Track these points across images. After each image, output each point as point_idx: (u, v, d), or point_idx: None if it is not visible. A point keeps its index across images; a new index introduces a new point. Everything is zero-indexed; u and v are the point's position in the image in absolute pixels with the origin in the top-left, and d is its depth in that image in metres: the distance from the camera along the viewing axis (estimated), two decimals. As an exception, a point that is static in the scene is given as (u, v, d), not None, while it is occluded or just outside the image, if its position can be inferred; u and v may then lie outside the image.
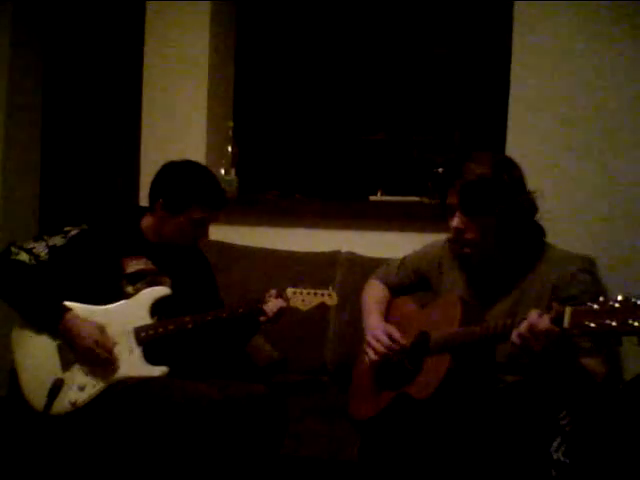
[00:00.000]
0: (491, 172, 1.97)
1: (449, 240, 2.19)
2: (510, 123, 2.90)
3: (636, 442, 1.95)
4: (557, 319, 1.68)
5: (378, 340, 2.17)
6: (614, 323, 1.56)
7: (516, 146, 2.85)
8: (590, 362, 1.88)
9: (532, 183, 2.06)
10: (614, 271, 2.56)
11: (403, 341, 2.15)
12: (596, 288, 1.99)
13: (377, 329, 2.21)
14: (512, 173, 2.01)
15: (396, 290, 2.38)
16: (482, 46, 3.27)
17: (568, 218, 2.71)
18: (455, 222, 2.03)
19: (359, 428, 2.24)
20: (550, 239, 2.11)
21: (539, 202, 2.03)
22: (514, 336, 1.77)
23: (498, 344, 1.95)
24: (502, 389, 2.00)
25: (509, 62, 2.90)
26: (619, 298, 1.57)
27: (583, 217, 2.76)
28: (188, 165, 2.45)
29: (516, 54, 2.88)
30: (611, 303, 1.57)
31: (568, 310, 1.64)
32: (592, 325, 1.59)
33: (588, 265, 2.04)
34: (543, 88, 2.84)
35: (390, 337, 2.16)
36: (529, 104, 2.86)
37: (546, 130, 2.83)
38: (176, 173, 2.41)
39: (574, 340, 1.77)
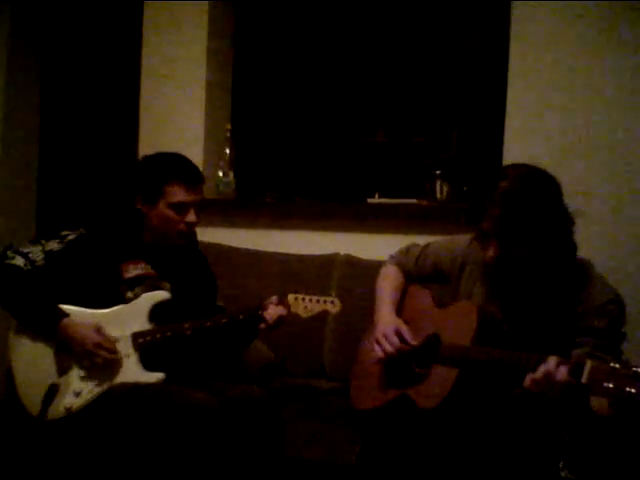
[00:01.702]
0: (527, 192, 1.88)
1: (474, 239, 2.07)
2: (508, 123, 2.88)
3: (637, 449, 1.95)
4: (575, 370, 1.65)
5: (388, 339, 2.12)
6: (633, 390, 1.54)
7: (514, 146, 2.83)
8: (598, 402, 1.79)
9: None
10: (615, 274, 2.53)
11: (413, 342, 2.10)
12: (622, 320, 1.93)
13: (388, 327, 2.14)
14: (546, 191, 1.94)
15: (412, 278, 2.32)
16: (480, 46, 3.27)
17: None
18: (491, 252, 1.92)
19: (358, 419, 2.21)
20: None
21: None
22: (528, 380, 1.74)
23: (512, 376, 1.84)
24: (506, 402, 1.95)
25: (507, 62, 2.88)
26: None
27: (583, 218, 2.74)
28: (154, 155, 2.42)
29: (513, 54, 2.87)
30: (634, 369, 1.55)
31: (588, 365, 1.62)
32: (610, 386, 1.57)
33: (618, 295, 1.95)
34: (541, 88, 2.82)
35: (400, 337, 2.11)
36: (527, 104, 2.84)
37: (545, 130, 2.81)
38: (143, 165, 2.41)
39: None
